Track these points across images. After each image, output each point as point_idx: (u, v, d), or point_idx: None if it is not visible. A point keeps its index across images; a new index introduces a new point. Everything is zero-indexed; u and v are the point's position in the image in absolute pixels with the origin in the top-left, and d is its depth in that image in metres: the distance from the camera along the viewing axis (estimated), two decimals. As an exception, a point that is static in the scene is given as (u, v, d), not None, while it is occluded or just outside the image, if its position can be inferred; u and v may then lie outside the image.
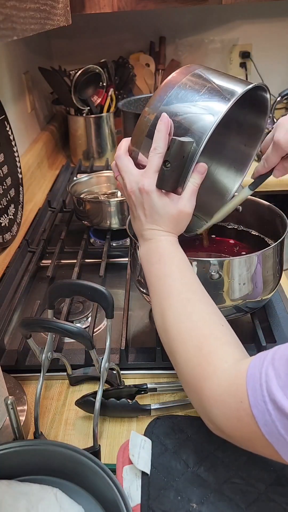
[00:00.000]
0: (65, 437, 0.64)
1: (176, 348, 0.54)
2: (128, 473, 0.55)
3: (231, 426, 0.46)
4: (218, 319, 0.54)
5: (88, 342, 0.58)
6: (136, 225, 0.64)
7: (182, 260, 0.60)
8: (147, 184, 0.59)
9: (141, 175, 0.60)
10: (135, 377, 0.72)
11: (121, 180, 0.64)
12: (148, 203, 0.60)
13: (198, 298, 0.56)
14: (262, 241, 0.81)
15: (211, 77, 0.61)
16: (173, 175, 0.58)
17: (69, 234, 1.11)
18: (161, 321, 0.57)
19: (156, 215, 0.60)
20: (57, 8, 0.77)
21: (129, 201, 0.63)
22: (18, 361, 0.73)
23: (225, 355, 0.50)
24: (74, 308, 0.87)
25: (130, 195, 0.62)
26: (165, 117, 0.58)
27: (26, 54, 1.50)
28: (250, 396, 0.43)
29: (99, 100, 1.57)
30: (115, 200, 1.05)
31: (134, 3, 1.27)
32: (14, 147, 1.09)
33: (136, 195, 0.61)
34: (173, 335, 0.54)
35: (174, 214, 0.60)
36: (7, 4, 0.48)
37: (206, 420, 0.50)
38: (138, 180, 0.60)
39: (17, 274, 0.98)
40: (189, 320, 0.54)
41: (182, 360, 0.53)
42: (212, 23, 1.81)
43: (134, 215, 0.63)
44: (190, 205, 0.60)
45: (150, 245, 0.61)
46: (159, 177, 0.59)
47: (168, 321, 0.56)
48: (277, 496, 0.52)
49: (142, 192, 0.60)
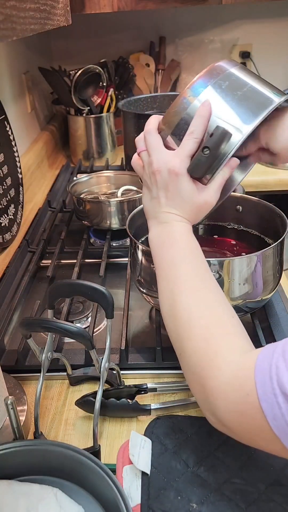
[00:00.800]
0: (65, 437, 0.64)
1: (183, 335, 0.52)
2: (128, 473, 0.55)
3: (235, 419, 0.46)
4: (228, 310, 0.54)
5: (88, 342, 0.58)
6: (151, 205, 0.62)
7: (197, 249, 0.58)
8: (178, 167, 0.58)
9: (173, 156, 0.58)
10: (135, 377, 0.72)
11: (146, 157, 0.61)
12: (174, 186, 0.58)
13: (209, 287, 0.55)
14: (262, 241, 0.81)
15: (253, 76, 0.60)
16: (208, 163, 0.57)
17: (69, 234, 1.11)
18: (168, 307, 0.56)
19: (179, 199, 0.59)
20: (57, 8, 0.77)
21: (150, 180, 0.61)
22: (18, 361, 0.73)
23: (233, 346, 0.49)
24: (74, 308, 0.87)
25: (155, 174, 0.59)
26: (208, 103, 0.57)
27: (26, 54, 1.50)
28: (259, 389, 0.42)
29: (99, 100, 1.57)
30: (115, 200, 1.05)
31: (134, 3, 1.27)
32: (14, 147, 1.09)
33: (162, 175, 0.59)
34: (181, 322, 0.53)
35: (198, 203, 0.59)
36: (7, 4, 0.48)
37: (208, 413, 0.50)
38: (169, 161, 0.58)
39: (17, 274, 0.98)
40: (199, 309, 0.53)
41: (188, 348, 0.52)
42: (212, 23, 1.81)
43: (151, 195, 0.61)
44: (215, 198, 0.59)
45: (165, 228, 0.60)
46: (194, 162, 0.57)
47: (177, 307, 0.54)
48: (277, 496, 0.52)
49: (171, 173, 0.58)
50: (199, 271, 0.57)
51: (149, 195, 0.62)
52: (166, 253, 0.58)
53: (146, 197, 0.63)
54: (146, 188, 0.63)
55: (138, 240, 0.80)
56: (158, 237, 0.60)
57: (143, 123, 1.17)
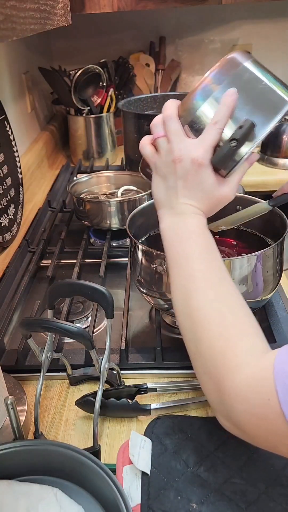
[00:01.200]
0: (65, 437, 0.64)
1: (199, 334, 0.50)
2: (128, 473, 0.55)
3: (254, 423, 0.44)
4: (246, 309, 0.52)
5: (88, 342, 0.58)
6: (166, 194, 0.59)
7: (212, 244, 0.56)
8: (202, 157, 0.55)
9: (196, 146, 0.56)
10: (135, 377, 0.72)
11: (164, 144, 0.58)
12: (195, 176, 0.56)
13: (226, 285, 0.53)
14: (262, 241, 0.81)
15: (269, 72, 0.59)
16: (232, 155, 0.55)
17: (69, 234, 1.11)
18: (183, 304, 0.53)
19: (198, 191, 0.56)
20: (57, 8, 0.77)
21: (167, 168, 0.58)
22: (18, 361, 0.73)
23: (251, 346, 0.48)
24: (74, 308, 0.87)
25: (175, 162, 0.56)
26: (234, 92, 0.55)
27: (26, 54, 1.50)
28: (280, 392, 0.41)
29: (99, 100, 1.57)
30: (115, 200, 1.05)
31: (134, 3, 1.27)
32: (14, 147, 1.09)
33: (184, 164, 0.56)
34: (197, 320, 0.51)
35: (218, 197, 0.57)
36: (7, 4, 0.48)
37: (221, 415, 0.48)
38: (192, 150, 0.56)
39: (17, 274, 0.98)
40: (217, 307, 0.51)
41: (203, 347, 0.49)
42: (212, 23, 1.81)
43: (167, 184, 0.58)
44: (234, 192, 0.58)
45: (181, 220, 0.57)
46: (220, 153, 0.55)
47: (193, 305, 0.52)
48: (277, 496, 0.52)
49: (194, 163, 0.55)
50: (216, 267, 0.54)
51: (163, 184, 0.59)
52: (181, 246, 0.56)
53: (159, 185, 0.60)
54: (159, 177, 0.60)
55: (138, 240, 0.80)
56: (172, 228, 0.57)
57: (143, 123, 1.17)
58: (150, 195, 1.05)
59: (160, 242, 0.87)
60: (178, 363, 0.72)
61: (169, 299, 0.72)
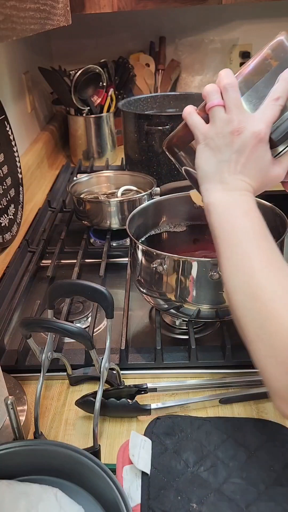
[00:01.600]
0: (65, 437, 0.64)
1: (267, 313, 0.47)
2: (128, 473, 0.55)
3: None
4: None
5: (88, 342, 0.58)
6: (217, 168, 0.56)
7: (264, 222, 0.53)
8: (264, 131, 0.53)
9: (258, 120, 0.54)
10: (135, 377, 0.72)
11: (221, 113, 0.55)
12: (253, 151, 0.54)
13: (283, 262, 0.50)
14: (262, 241, 0.81)
15: None
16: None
17: (69, 234, 1.11)
18: (242, 283, 0.50)
19: (255, 168, 0.55)
20: (57, 8, 0.77)
21: (221, 139, 0.55)
22: (18, 361, 0.73)
23: None
24: (74, 308, 0.87)
25: (234, 134, 0.54)
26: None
27: (26, 54, 1.50)
28: None
29: (99, 100, 1.57)
30: (115, 200, 1.05)
31: (134, 3, 1.27)
32: (14, 147, 1.09)
33: (243, 137, 0.54)
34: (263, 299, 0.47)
35: (271, 176, 0.56)
36: (7, 4, 0.48)
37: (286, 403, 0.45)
38: (254, 124, 0.54)
39: (17, 274, 0.98)
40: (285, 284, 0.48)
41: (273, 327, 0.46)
42: (212, 23, 1.81)
43: (221, 157, 0.55)
44: (284, 174, 0.56)
45: (236, 196, 0.54)
46: (280, 129, 0.54)
47: (256, 283, 0.48)
48: (277, 496, 0.52)
49: (255, 138, 0.53)
50: (273, 246, 0.52)
51: (214, 156, 0.56)
52: (236, 223, 0.53)
53: (208, 158, 0.57)
54: (209, 149, 0.56)
55: (138, 240, 0.80)
56: (225, 204, 0.54)
57: (143, 123, 1.17)
58: (150, 195, 1.05)
59: (160, 242, 0.87)
60: (179, 363, 0.72)
61: (169, 299, 0.72)
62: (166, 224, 0.89)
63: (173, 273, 0.70)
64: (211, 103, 0.56)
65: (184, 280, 0.69)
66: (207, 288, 0.69)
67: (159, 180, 1.15)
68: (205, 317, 0.74)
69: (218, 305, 0.71)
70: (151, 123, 1.19)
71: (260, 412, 0.65)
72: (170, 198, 0.89)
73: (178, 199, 0.89)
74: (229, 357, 0.71)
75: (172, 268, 0.69)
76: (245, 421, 0.62)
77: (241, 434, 0.60)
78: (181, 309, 0.73)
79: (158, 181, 1.11)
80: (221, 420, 0.62)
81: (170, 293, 0.71)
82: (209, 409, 0.66)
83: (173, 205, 0.89)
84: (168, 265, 0.69)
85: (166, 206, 0.89)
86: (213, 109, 0.56)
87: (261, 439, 0.59)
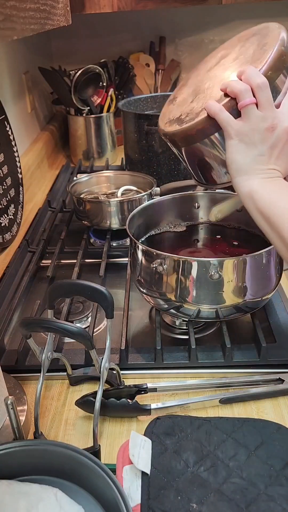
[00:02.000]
0: (65, 437, 0.64)
1: None
2: (128, 473, 0.55)
3: None
4: None
5: (88, 342, 0.58)
6: (253, 162, 0.62)
7: None
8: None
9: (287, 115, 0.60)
10: (135, 377, 0.72)
11: (255, 111, 0.60)
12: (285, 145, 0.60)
13: None
14: (262, 241, 0.81)
15: None
16: None
17: (69, 234, 1.11)
18: None
19: (285, 160, 0.61)
20: (57, 8, 0.77)
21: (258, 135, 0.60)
22: (18, 361, 0.73)
23: None
24: (74, 308, 0.87)
25: (269, 130, 0.60)
26: None
27: (26, 54, 1.50)
28: None
29: (99, 100, 1.57)
30: (115, 200, 1.05)
31: (134, 3, 1.27)
32: (14, 147, 1.09)
33: (277, 133, 0.59)
34: None
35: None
36: (7, 4, 0.48)
37: None
38: (284, 119, 0.59)
39: (17, 274, 0.98)
40: None
41: None
42: (212, 23, 1.81)
43: (256, 151, 0.61)
44: None
45: (276, 181, 0.61)
46: None
47: None
48: (277, 496, 0.52)
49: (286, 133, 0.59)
50: None
51: (248, 151, 0.61)
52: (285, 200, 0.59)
53: (243, 152, 0.62)
54: (243, 144, 0.61)
55: (138, 240, 0.80)
56: (269, 190, 0.60)
57: (143, 123, 1.17)
58: (150, 195, 1.05)
59: (160, 242, 0.87)
60: (179, 363, 0.72)
61: (169, 299, 0.72)
62: (166, 224, 0.89)
63: (173, 273, 0.70)
64: (245, 102, 0.60)
65: (184, 280, 0.69)
66: (207, 288, 0.69)
67: (159, 180, 1.15)
68: (205, 317, 0.74)
69: (218, 305, 0.71)
70: (151, 123, 1.19)
71: (260, 412, 0.65)
72: (170, 198, 0.89)
73: (178, 199, 0.89)
74: (229, 357, 0.71)
75: (172, 268, 0.69)
76: (245, 421, 0.62)
77: (241, 434, 0.60)
78: (181, 309, 0.73)
79: (158, 181, 1.11)
80: (221, 420, 0.62)
81: (170, 293, 0.71)
82: (209, 409, 0.66)
83: (173, 205, 0.89)
84: (168, 265, 0.69)
85: (166, 206, 0.89)
86: (247, 107, 0.60)
87: (261, 439, 0.59)
